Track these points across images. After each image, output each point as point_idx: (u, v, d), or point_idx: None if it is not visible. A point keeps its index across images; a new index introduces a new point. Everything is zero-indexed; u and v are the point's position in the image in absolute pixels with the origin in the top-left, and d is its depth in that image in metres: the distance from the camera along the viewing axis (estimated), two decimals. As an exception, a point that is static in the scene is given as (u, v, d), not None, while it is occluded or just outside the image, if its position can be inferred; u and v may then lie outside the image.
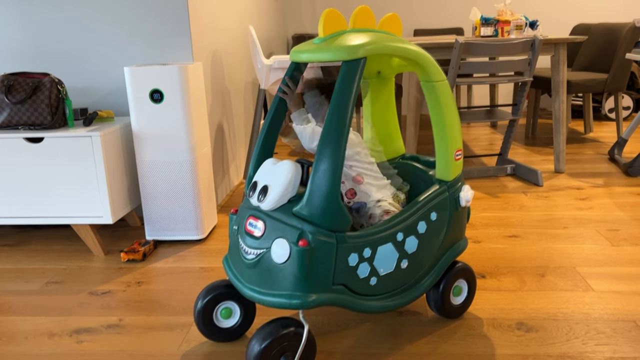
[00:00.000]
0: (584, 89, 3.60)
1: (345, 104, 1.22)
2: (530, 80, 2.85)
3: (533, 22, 3.17)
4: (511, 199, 2.66)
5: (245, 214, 1.35)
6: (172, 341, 1.53)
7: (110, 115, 2.28)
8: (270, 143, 1.46)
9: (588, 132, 4.07)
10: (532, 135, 4.08)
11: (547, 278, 1.83)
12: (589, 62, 3.90)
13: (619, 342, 1.45)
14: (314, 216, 1.23)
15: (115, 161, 2.14)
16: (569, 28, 4.34)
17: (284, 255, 1.23)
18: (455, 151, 1.47)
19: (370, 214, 1.47)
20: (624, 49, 3.48)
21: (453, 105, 1.45)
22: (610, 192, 2.71)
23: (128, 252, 2.07)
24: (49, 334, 1.59)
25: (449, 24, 4.96)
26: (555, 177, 3.00)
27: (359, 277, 1.31)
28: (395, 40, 1.34)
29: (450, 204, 1.47)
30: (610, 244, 2.09)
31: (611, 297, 1.69)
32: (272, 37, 4.36)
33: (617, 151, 3.24)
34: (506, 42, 2.75)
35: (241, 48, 3.25)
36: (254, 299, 1.29)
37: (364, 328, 1.56)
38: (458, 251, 1.53)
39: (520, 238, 2.17)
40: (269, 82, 2.83)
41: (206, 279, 1.90)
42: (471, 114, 3.31)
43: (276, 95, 1.45)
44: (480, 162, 3.35)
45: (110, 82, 2.41)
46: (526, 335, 1.50)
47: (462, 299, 1.59)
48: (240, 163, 3.18)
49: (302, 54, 1.33)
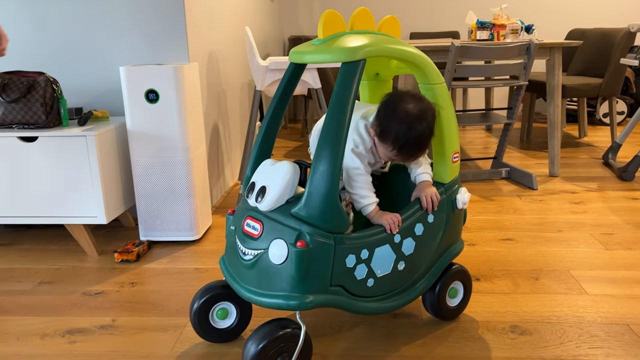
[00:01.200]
0: (579, 93, 3.62)
1: (344, 106, 1.22)
2: (526, 84, 2.86)
3: (529, 27, 3.18)
4: (506, 202, 2.67)
5: (243, 214, 1.35)
6: (166, 342, 1.52)
7: (105, 115, 2.27)
8: (268, 144, 1.46)
9: (582, 136, 4.09)
10: (527, 139, 4.10)
11: (541, 281, 1.83)
12: (583, 66, 3.93)
13: (612, 346, 1.45)
14: (312, 217, 1.22)
15: (110, 161, 2.13)
16: (564, 33, 4.37)
17: (282, 256, 1.22)
18: (453, 154, 1.47)
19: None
20: (619, 54, 3.50)
21: (451, 108, 1.45)
22: (605, 196, 2.72)
23: (122, 253, 2.06)
24: (41, 335, 1.58)
25: (445, 27, 4.98)
26: (550, 180, 3.01)
27: (357, 278, 1.31)
28: (394, 42, 1.34)
29: (447, 206, 1.47)
30: (604, 248, 2.10)
31: (605, 300, 1.70)
32: (269, 39, 4.36)
33: (611, 155, 3.26)
34: (502, 46, 2.76)
35: (237, 49, 3.24)
36: (251, 299, 1.29)
37: (359, 330, 1.55)
38: (454, 253, 1.54)
39: (514, 241, 2.18)
40: (265, 84, 2.82)
41: (200, 280, 1.89)
42: (467, 117, 3.32)
43: (274, 95, 1.45)
44: (476, 166, 3.36)
45: (106, 81, 2.40)
46: (520, 338, 1.50)
47: (458, 301, 1.59)
48: (235, 164, 3.17)
49: (302, 55, 1.33)
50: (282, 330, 1.25)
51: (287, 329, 1.26)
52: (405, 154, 1.39)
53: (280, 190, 1.27)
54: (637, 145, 3.56)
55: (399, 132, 1.34)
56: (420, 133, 1.34)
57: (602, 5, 4.87)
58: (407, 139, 1.34)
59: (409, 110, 1.34)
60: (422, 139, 1.35)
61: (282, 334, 1.24)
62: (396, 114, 1.34)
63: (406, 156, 1.41)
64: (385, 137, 1.36)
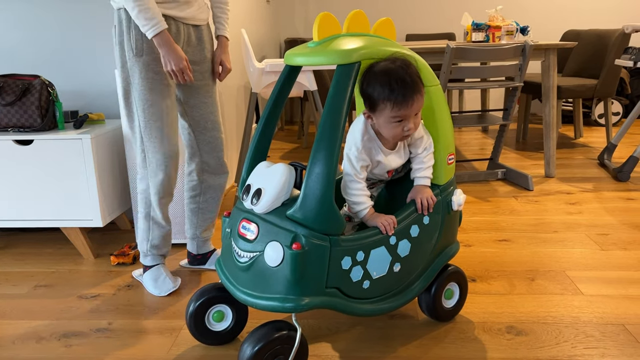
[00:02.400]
0: (574, 94, 3.63)
1: (339, 108, 1.22)
2: (521, 85, 2.87)
3: (524, 28, 3.19)
4: (502, 203, 2.67)
5: (239, 216, 1.35)
6: (162, 345, 1.52)
7: (101, 117, 2.26)
8: (263, 146, 1.46)
9: (578, 137, 4.11)
10: (522, 140, 4.11)
11: (537, 282, 1.84)
12: (579, 67, 3.94)
13: (607, 346, 1.46)
14: (307, 219, 1.23)
15: (106, 164, 2.13)
16: (559, 34, 4.39)
17: (278, 259, 1.22)
18: (448, 155, 1.48)
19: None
20: (614, 55, 3.52)
21: (446, 109, 1.46)
22: (600, 196, 2.73)
23: (118, 256, 2.06)
24: (37, 338, 1.57)
25: (441, 29, 4.99)
26: (546, 181, 3.02)
27: (352, 280, 1.31)
28: (389, 44, 1.34)
29: (442, 208, 1.47)
30: (599, 248, 2.10)
31: (600, 301, 1.70)
32: (265, 41, 4.36)
33: (606, 156, 3.28)
34: (497, 47, 2.77)
35: (233, 51, 3.24)
36: (246, 302, 1.29)
37: (355, 332, 1.56)
38: (450, 254, 1.54)
39: (510, 242, 2.19)
40: (261, 86, 2.83)
41: (196, 283, 1.89)
42: (463, 118, 3.33)
43: (270, 98, 1.45)
44: (472, 167, 3.37)
45: (102, 84, 2.40)
46: (516, 338, 1.51)
47: (454, 302, 1.59)
48: (232, 166, 3.17)
49: (297, 57, 1.33)
50: (278, 333, 1.25)
51: (283, 331, 1.26)
52: (401, 102, 1.31)
53: (275, 193, 1.27)
54: (633, 145, 3.57)
55: (382, 83, 1.31)
56: (400, 68, 1.30)
57: (596, 6, 4.89)
58: (391, 83, 1.29)
59: (381, 66, 1.32)
60: (404, 74, 1.30)
61: (278, 336, 1.24)
62: (372, 76, 1.33)
63: (404, 103, 1.31)
64: (375, 101, 1.33)
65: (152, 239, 1.82)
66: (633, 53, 3.00)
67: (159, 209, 1.77)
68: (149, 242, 1.82)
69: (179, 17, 1.66)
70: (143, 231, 1.81)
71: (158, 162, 1.70)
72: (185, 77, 1.64)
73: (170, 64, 1.60)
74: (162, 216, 1.79)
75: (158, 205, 1.76)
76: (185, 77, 1.64)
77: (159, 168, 1.70)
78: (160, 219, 1.79)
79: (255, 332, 1.25)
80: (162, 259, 1.87)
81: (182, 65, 1.62)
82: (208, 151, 1.85)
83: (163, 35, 1.58)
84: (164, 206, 1.78)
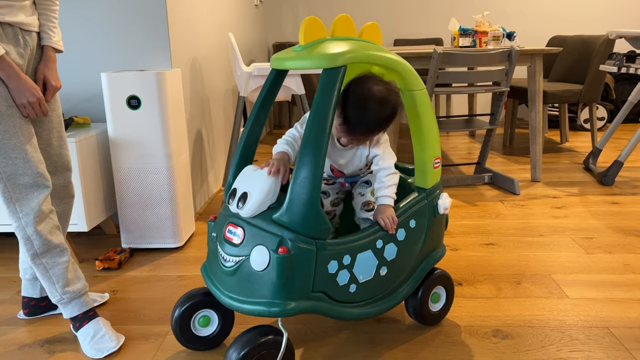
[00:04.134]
0: (560, 99, 3.67)
1: (326, 112, 1.22)
2: (507, 90, 2.89)
3: (510, 34, 3.22)
4: (488, 207, 2.69)
5: (225, 221, 1.34)
6: (147, 351, 1.50)
7: (86, 121, 2.24)
8: (250, 150, 1.46)
9: (564, 141, 4.15)
10: (509, 145, 4.14)
11: (523, 285, 1.85)
12: (564, 73, 3.99)
13: (592, 349, 1.47)
14: (293, 223, 1.22)
15: (91, 168, 2.11)
16: (545, 40, 4.43)
17: (264, 263, 1.22)
18: (434, 159, 1.48)
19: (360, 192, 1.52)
20: (598, 60, 3.56)
21: (431, 113, 1.46)
22: (585, 200, 2.76)
23: (103, 260, 2.04)
24: (20, 344, 1.55)
25: (429, 34, 5.02)
26: (532, 185, 3.04)
27: (339, 284, 1.31)
28: (375, 48, 1.35)
29: (428, 212, 1.48)
30: (584, 252, 2.12)
31: (585, 304, 1.72)
32: (253, 45, 4.36)
33: (591, 161, 3.31)
34: (484, 52, 2.80)
35: (221, 55, 3.24)
36: (232, 307, 1.28)
37: (342, 336, 1.55)
38: (436, 258, 1.54)
39: (497, 246, 2.20)
40: (249, 90, 2.83)
41: (183, 288, 1.88)
42: (450, 123, 3.35)
43: (256, 102, 1.45)
44: (459, 171, 3.38)
45: (87, 87, 2.38)
46: (502, 342, 1.51)
47: (441, 305, 1.60)
48: (219, 170, 3.16)
49: (283, 61, 1.33)
50: (263, 337, 1.24)
51: (269, 335, 1.25)
52: (356, 130, 1.38)
53: (261, 197, 1.27)
54: (617, 150, 3.62)
55: (354, 106, 1.36)
56: (377, 103, 1.36)
57: (582, 13, 4.96)
58: (361, 113, 1.36)
59: (366, 91, 1.37)
60: (377, 114, 1.36)
61: (263, 341, 1.24)
62: (353, 95, 1.38)
63: (358, 131, 1.39)
64: (344, 111, 1.38)
65: (55, 277, 1.48)
66: (617, 59, 3.04)
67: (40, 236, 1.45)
68: (55, 284, 1.49)
69: (15, 22, 1.41)
70: (42, 276, 1.49)
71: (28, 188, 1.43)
72: (42, 109, 1.43)
73: (25, 95, 1.36)
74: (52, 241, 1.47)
75: (39, 233, 1.44)
76: (43, 109, 1.43)
77: (31, 194, 1.43)
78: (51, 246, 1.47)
79: (241, 337, 1.24)
80: (87, 298, 1.54)
81: (39, 95, 1.41)
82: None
83: (3, 62, 1.33)
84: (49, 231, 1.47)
